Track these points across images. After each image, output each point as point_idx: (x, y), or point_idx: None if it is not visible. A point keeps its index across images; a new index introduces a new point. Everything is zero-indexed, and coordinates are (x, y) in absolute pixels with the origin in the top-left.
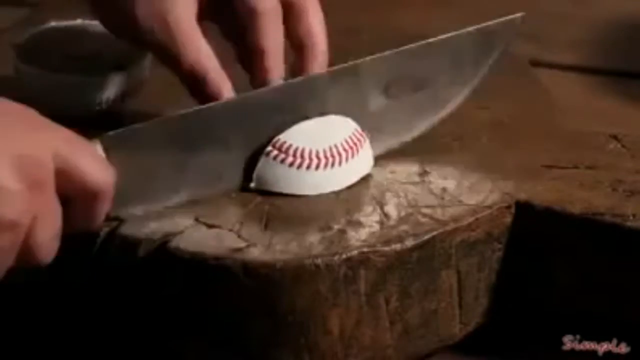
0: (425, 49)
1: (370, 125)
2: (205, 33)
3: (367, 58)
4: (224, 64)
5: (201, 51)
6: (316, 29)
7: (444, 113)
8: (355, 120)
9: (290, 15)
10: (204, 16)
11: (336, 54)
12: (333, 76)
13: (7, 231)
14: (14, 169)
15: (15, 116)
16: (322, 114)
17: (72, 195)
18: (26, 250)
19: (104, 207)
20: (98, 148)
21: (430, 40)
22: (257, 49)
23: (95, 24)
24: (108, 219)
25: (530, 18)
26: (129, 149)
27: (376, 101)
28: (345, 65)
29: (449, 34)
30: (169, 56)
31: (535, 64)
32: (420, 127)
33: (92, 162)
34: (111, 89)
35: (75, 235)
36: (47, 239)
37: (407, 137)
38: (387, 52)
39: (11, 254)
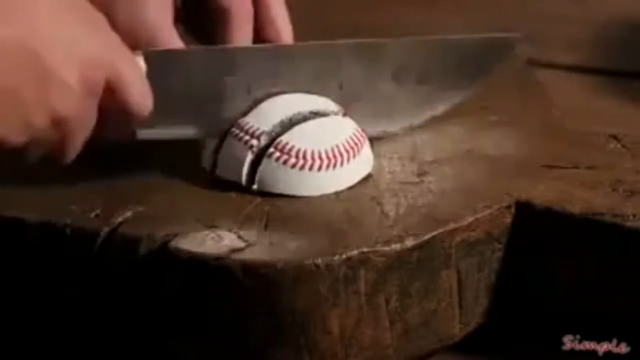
0: (437, 44)
1: (376, 107)
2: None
3: (382, 39)
4: None
5: None
6: (281, 24)
7: (440, 110)
8: (363, 99)
9: (258, 13)
10: (178, 18)
11: None
12: (354, 49)
13: (55, 125)
14: (79, 69)
15: (88, 20)
16: (340, 85)
17: (110, 108)
18: (58, 148)
19: (132, 126)
20: (140, 60)
21: (444, 37)
22: None
23: None
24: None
25: (530, 18)
26: (167, 69)
27: (385, 84)
28: (367, 41)
29: (461, 36)
30: None
31: (535, 64)
32: (415, 120)
33: (138, 80)
34: None
35: (75, 235)
36: (79, 143)
37: (398, 127)
38: (405, 38)
39: (44, 148)
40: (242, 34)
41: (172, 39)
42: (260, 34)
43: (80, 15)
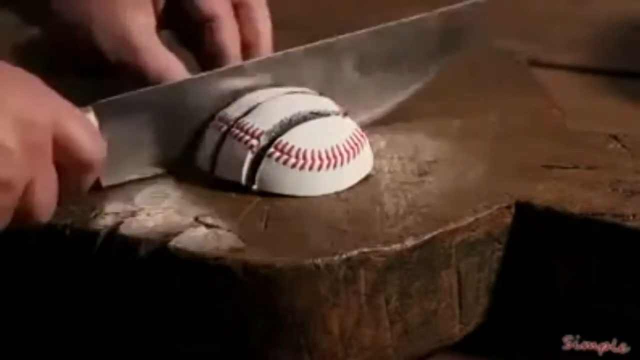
0: (396, 29)
1: (344, 100)
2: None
3: (341, 36)
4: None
5: (166, 60)
6: (263, 28)
7: (412, 90)
8: (330, 94)
9: (238, 15)
10: (160, 26)
11: None
12: (308, 51)
13: (3, 190)
14: (14, 130)
15: (20, 81)
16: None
17: (65, 164)
18: (23, 211)
19: (94, 178)
20: (91, 116)
21: (401, 20)
22: (216, 52)
23: None
24: (94, 187)
25: (531, 18)
26: (120, 117)
27: (349, 77)
28: (320, 42)
29: (418, 16)
30: (135, 71)
31: (535, 64)
32: (391, 102)
33: (88, 135)
34: (115, 88)
35: (75, 235)
36: (44, 201)
37: (378, 112)
38: (359, 31)
39: (7, 213)
40: (233, 38)
41: (156, 49)
42: (240, 35)
43: (11, 79)
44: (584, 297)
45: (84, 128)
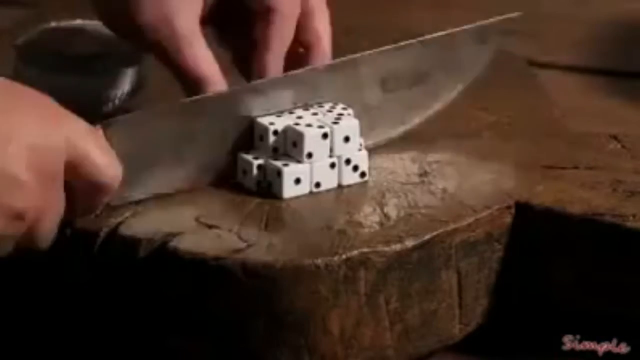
0: (422, 45)
1: (366, 118)
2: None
3: (366, 52)
4: (224, 71)
5: (202, 57)
6: (322, 32)
7: (437, 108)
8: (352, 111)
9: (300, 17)
10: (207, 20)
11: (336, 53)
12: (331, 68)
13: (14, 220)
14: (27, 159)
15: (30, 102)
16: (320, 105)
17: (78, 186)
18: (27, 238)
19: (107, 199)
20: (100, 134)
21: (427, 37)
22: (263, 44)
23: (95, 24)
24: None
25: (530, 18)
26: (131, 135)
27: (373, 94)
28: (344, 58)
29: (445, 32)
30: (171, 60)
31: (535, 64)
32: (414, 120)
33: (103, 157)
34: (115, 89)
35: (75, 235)
36: (49, 229)
37: (401, 130)
38: (385, 47)
39: (12, 241)
40: (286, 34)
41: (195, 44)
42: (299, 37)
43: (21, 104)
44: (584, 297)
45: (100, 149)
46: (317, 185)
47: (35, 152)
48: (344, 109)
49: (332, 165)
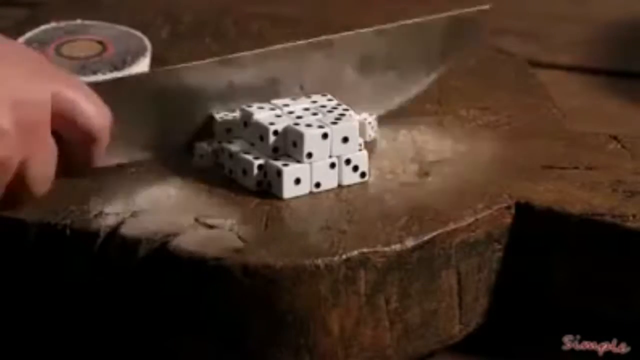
0: (398, 30)
1: (342, 99)
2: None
3: (342, 34)
4: None
5: None
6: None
7: (411, 94)
8: (329, 93)
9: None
10: None
11: None
12: (309, 47)
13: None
14: (9, 111)
15: (18, 58)
16: (301, 86)
17: (70, 136)
18: (17, 186)
19: (101, 149)
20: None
21: (403, 22)
22: None
23: (95, 24)
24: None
25: (530, 18)
26: (113, 98)
27: (349, 76)
28: (321, 38)
29: (421, 18)
30: None
31: (535, 64)
32: (388, 105)
33: (92, 105)
34: None
35: (75, 235)
36: (40, 176)
37: (377, 112)
38: (361, 30)
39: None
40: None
41: None
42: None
43: (9, 57)
44: (584, 297)
45: (87, 96)
46: (317, 185)
47: (20, 105)
48: (345, 109)
49: (332, 165)
